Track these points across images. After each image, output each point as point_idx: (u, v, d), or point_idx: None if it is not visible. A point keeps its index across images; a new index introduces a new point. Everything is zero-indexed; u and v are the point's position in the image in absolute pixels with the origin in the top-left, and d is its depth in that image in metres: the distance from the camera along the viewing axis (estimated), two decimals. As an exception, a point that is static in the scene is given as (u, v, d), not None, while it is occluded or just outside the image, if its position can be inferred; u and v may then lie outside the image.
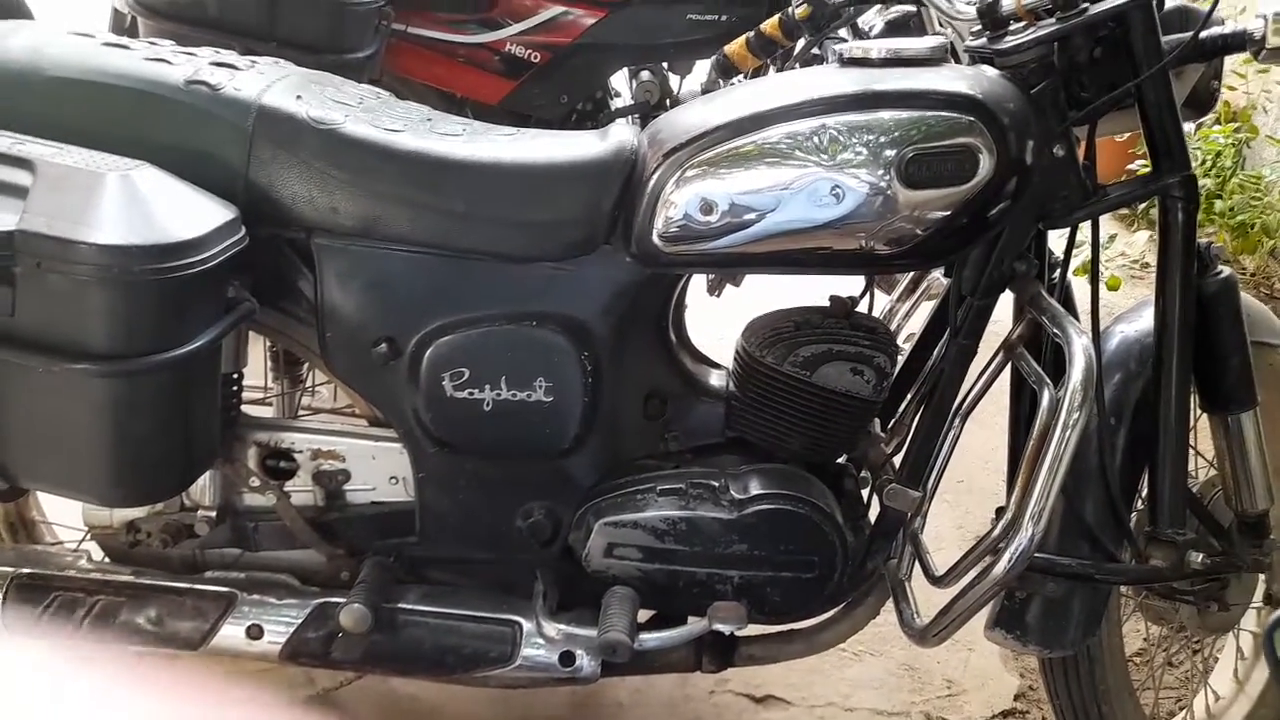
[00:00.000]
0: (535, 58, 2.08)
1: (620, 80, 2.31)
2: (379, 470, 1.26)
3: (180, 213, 0.99)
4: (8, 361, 0.96)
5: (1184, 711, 1.53)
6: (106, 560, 1.27)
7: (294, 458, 1.25)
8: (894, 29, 1.62)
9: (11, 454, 1.03)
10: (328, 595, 1.21)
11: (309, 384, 1.57)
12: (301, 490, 1.26)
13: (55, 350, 0.96)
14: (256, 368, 1.44)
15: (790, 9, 1.37)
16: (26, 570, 1.21)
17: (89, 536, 1.28)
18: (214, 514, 1.24)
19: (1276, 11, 1.08)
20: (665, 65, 2.22)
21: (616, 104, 2.30)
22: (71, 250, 0.92)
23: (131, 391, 0.99)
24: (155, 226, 0.96)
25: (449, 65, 2.08)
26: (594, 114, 2.24)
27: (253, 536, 1.26)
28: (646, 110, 2.21)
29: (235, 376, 1.20)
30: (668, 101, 2.22)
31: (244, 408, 1.25)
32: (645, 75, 2.19)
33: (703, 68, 2.30)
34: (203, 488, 1.23)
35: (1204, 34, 1.09)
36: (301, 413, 1.54)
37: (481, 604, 1.23)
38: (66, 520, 1.35)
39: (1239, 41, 1.10)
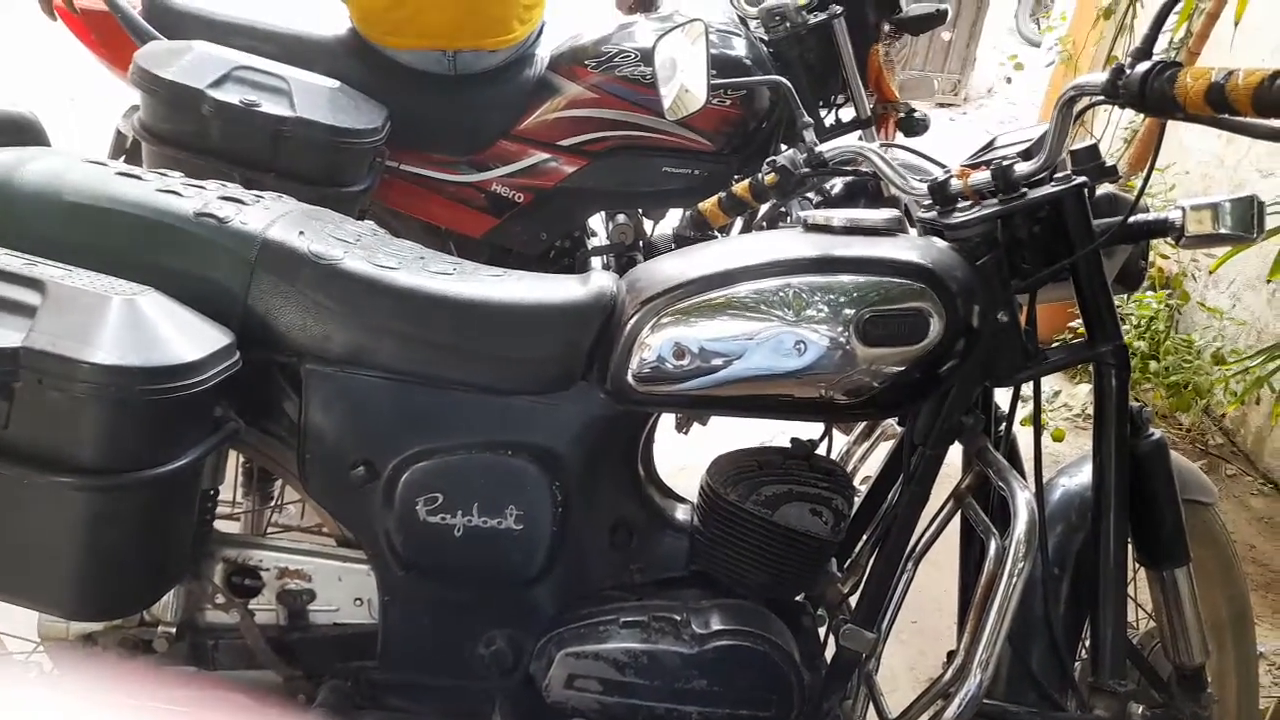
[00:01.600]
0: (519, 198, 2.20)
1: (597, 221, 2.43)
2: (344, 591, 1.27)
3: (179, 336, 1.03)
4: None
5: None
6: (57, 673, 1.25)
7: (260, 575, 1.26)
8: (853, 190, 1.75)
9: None
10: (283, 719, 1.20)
11: (279, 501, 1.58)
12: (265, 609, 1.26)
13: (43, 463, 0.98)
14: (227, 482, 1.46)
15: (760, 175, 1.50)
16: (-25, 682, 1.19)
17: (41, 648, 1.26)
18: (174, 630, 1.24)
19: (1194, 204, 1.20)
20: (640, 210, 2.36)
21: (593, 243, 2.41)
22: (73, 368, 0.95)
23: (113, 506, 1.01)
24: (155, 349, 1.00)
25: (437, 200, 2.19)
26: (571, 251, 2.35)
27: (211, 654, 1.26)
28: (622, 250, 2.32)
29: (212, 493, 1.21)
30: (641, 243, 2.34)
31: (214, 524, 1.27)
32: (621, 218, 2.32)
33: (675, 213, 2.44)
34: (164, 603, 1.23)
35: (1131, 219, 1.21)
36: (269, 530, 1.55)
37: (438, 733, 1.22)
38: (17, 631, 1.33)
39: (1162, 228, 1.21)
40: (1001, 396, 1.31)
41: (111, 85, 2.13)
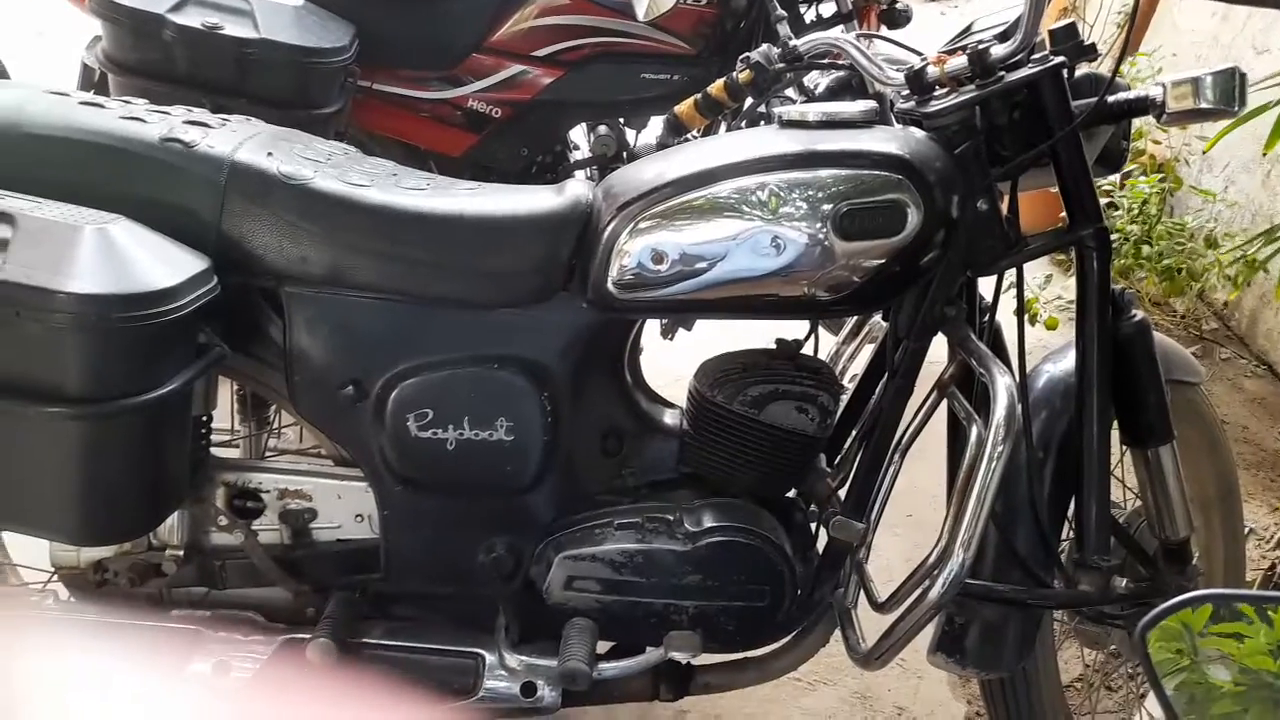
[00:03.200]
0: (496, 113, 2.16)
1: (579, 134, 2.39)
2: (345, 508, 1.30)
3: (154, 263, 1.03)
4: None
5: (1121, 734, 1.60)
6: (73, 600, 1.29)
7: (261, 497, 1.29)
8: (835, 90, 1.72)
9: None
10: (293, 631, 1.24)
11: (275, 426, 1.60)
12: (268, 529, 1.29)
13: (31, 394, 0.99)
14: (224, 411, 1.48)
15: (734, 74, 1.46)
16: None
17: (55, 577, 1.30)
18: (181, 553, 1.27)
19: (1175, 79, 1.18)
20: (621, 120, 2.31)
21: (575, 156, 2.38)
22: (49, 299, 0.96)
23: (104, 433, 1.03)
24: (130, 276, 1.00)
25: (412, 120, 2.15)
26: (553, 166, 2.32)
27: (219, 575, 1.29)
28: (604, 163, 2.29)
29: (204, 419, 1.23)
30: (624, 154, 2.30)
31: (212, 450, 1.29)
32: (602, 129, 2.27)
33: (657, 122, 2.40)
34: (170, 527, 1.26)
35: (1110, 99, 1.18)
36: (268, 454, 1.57)
37: (444, 637, 1.26)
38: (32, 562, 1.36)
39: (1142, 106, 1.19)
40: (986, 286, 1.31)
41: (81, 19, 2.07)
